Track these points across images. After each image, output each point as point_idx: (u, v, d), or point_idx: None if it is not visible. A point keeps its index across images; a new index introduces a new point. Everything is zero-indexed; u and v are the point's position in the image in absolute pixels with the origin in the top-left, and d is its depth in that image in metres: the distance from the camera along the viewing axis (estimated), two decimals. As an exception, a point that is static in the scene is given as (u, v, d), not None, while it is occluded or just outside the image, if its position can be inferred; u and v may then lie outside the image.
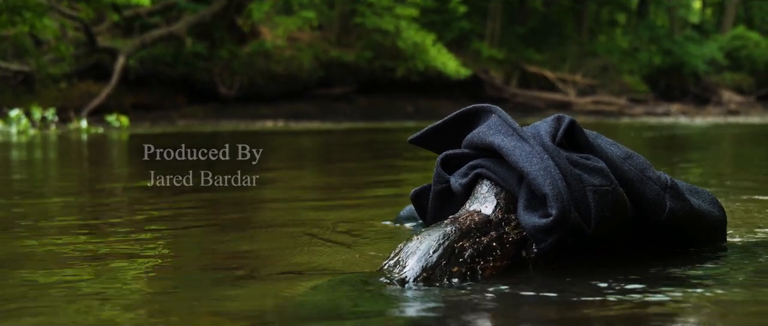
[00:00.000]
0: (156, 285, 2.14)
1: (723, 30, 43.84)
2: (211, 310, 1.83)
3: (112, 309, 1.87)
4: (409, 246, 2.06)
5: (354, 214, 3.45)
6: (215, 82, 30.33)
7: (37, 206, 4.15)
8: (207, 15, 30.44)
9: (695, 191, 2.48)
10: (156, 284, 2.14)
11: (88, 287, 2.09)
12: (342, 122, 26.99)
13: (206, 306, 1.88)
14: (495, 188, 2.22)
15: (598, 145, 2.29)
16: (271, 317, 1.82)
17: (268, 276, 2.17)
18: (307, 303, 1.88)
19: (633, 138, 13.07)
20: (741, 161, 8.10)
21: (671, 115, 33.60)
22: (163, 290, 2.08)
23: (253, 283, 2.10)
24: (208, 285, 2.09)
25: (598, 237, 2.15)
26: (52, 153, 10.27)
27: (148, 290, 2.08)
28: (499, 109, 2.37)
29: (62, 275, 2.24)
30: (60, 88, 27.47)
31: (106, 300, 1.94)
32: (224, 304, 1.87)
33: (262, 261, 2.40)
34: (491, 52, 37.05)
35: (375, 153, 9.99)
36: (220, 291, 2.00)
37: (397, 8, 32.33)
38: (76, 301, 1.92)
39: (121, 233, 3.09)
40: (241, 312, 1.81)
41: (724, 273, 2.17)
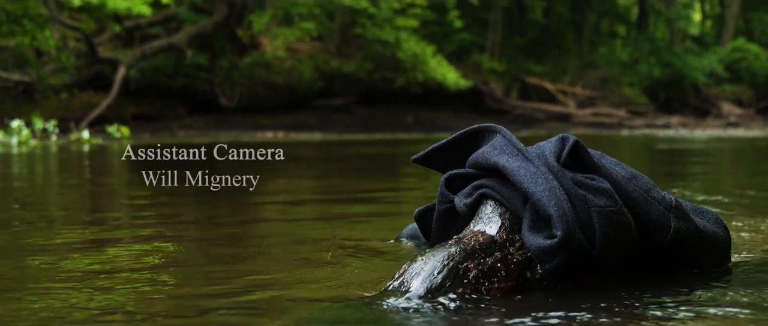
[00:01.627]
0: (152, 305, 2.12)
1: (723, 42, 43.88)
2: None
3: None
4: (414, 267, 2.05)
5: (355, 232, 3.44)
6: (215, 93, 30.37)
7: (37, 221, 4.14)
8: (207, 26, 30.49)
9: (700, 211, 2.47)
10: (152, 305, 2.13)
11: (78, 312, 2.08)
12: (342, 133, 27.01)
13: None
14: (499, 208, 2.22)
15: (603, 165, 2.28)
16: (275, 339, 1.82)
17: (270, 297, 2.16)
18: (310, 324, 1.87)
19: (636, 150, 13.07)
20: (744, 176, 8.09)
21: (671, 127, 33.60)
22: (160, 311, 2.06)
23: (254, 304, 2.08)
24: (207, 307, 2.07)
25: (602, 258, 2.14)
26: (53, 163, 10.27)
27: (143, 311, 2.05)
28: (503, 129, 2.36)
29: (55, 295, 2.23)
30: (61, 98, 27.50)
31: (101, 323, 1.93)
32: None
33: (263, 281, 2.38)
34: (491, 63, 37.09)
35: (375, 166, 9.99)
36: (220, 313, 1.99)
37: (398, 19, 32.37)
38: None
39: (118, 249, 3.08)
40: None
41: (730, 293, 2.16)
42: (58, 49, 24.86)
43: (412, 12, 32.90)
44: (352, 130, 29.45)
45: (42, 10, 23.37)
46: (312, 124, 30.28)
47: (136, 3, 24.17)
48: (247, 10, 31.30)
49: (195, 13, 31.09)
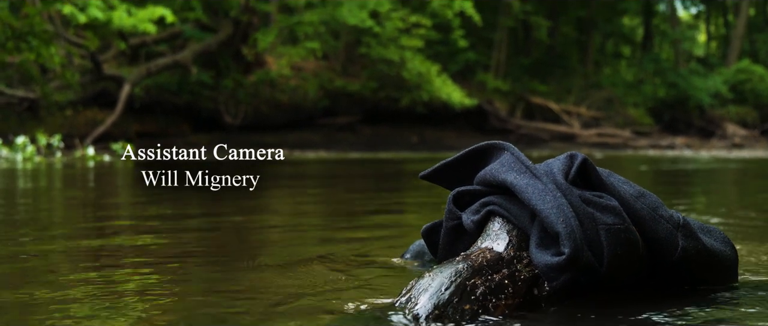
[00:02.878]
0: (157, 323, 2.11)
1: (728, 63, 43.94)
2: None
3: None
4: (421, 283, 2.05)
5: (362, 248, 3.44)
6: (220, 111, 30.44)
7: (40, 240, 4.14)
8: (212, 44, 30.57)
9: (707, 230, 2.47)
10: (157, 322, 2.12)
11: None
12: (346, 152, 27.02)
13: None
14: (507, 225, 2.22)
15: (611, 183, 2.28)
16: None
17: (274, 314, 2.15)
18: (318, 341, 1.87)
19: (641, 171, 13.06)
20: (749, 196, 8.08)
21: (676, 148, 33.60)
22: (164, 322, 2.05)
23: (257, 322, 2.08)
24: (212, 324, 2.07)
25: (610, 276, 2.14)
26: (57, 181, 10.28)
27: (146, 321, 2.05)
28: (511, 146, 2.36)
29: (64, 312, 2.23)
30: (65, 115, 27.57)
31: None
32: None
33: (268, 299, 2.37)
34: (496, 83, 37.17)
35: (380, 183, 9.99)
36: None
37: (403, 39, 32.44)
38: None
39: (121, 266, 3.07)
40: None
41: (739, 311, 2.15)
42: (63, 65, 24.92)
43: (416, 32, 32.97)
44: (357, 148, 29.49)
45: (47, 26, 23.45)
46: (316, 143, 30.33)
47: (141, 20, 24.25)
48: (252, 29, 31.39)
49: (200, 31, 31.19)
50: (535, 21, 40.82)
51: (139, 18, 24.18)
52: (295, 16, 32.45)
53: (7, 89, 27.07)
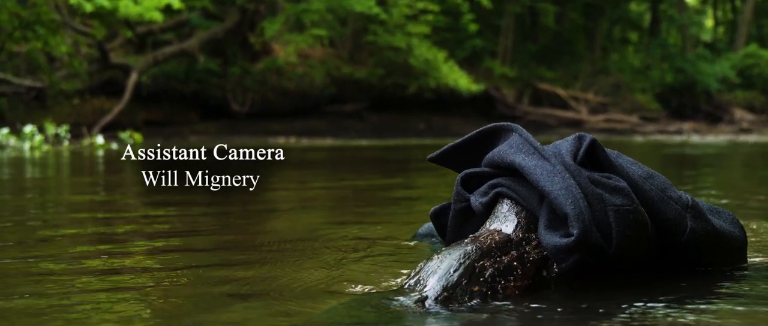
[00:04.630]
0: (166, 305, 2.12)
1: (735, 48, 43.78)
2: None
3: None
4: (430, 265, 2.04)
5: (370, 231, 3.44)
6: (227, 99, 30.42)
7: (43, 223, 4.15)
8: (219, 32, 30.55)
9: (716, 211, 2.46)
10: (165, 304, 2.12)
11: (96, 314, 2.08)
12: (354, 139, 27.01)
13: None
14: (515, 207, 2.21)
15: (620, 164, 2.28)
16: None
17: (283, 296, 2.15)
18: (327, 324, 1.87)
19: (649, 155, 13.04)
20: (757, 180, 8.07)
21: (683, 133, 33.52)
22: (173, 310, 2.05)
23: (268, 303, 2.07)
24: (221, 306, 2.07)
25: (619, 257, 2.13)
26: (65, 169, 10.29)
27: (156, 310, 2.05)
28: (520, 128, 2.36)
29: (68, 298, 2.23)
30: (73, 104, 27.58)
31: (118, 322, 1.93)
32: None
33: (278, 281, 2.37)
34: (503, 69, 37.09)
35: (387, 170, 9.98)
36: (234, 312, 1.99)
37: (409, 25, 32.37)
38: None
39: (129, 251, 3.08)
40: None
41: (748, 291, 2.15)
42: (70, 54, 24.92)
43: (423, 18, 32.91)
44: (364, 135, 29.46)
45: (54, 15, 23.45)
46: (323, 130, 30.30)
47: (148, 9, 24.18)
48: (259, 17, 31.36)
49: (207, 19, 31.16)
50: (542, 7, 40.73)
51: (146, 6, 24.13)
52: (302, 4, 32.41)
53: (14, 78, 27.08)
